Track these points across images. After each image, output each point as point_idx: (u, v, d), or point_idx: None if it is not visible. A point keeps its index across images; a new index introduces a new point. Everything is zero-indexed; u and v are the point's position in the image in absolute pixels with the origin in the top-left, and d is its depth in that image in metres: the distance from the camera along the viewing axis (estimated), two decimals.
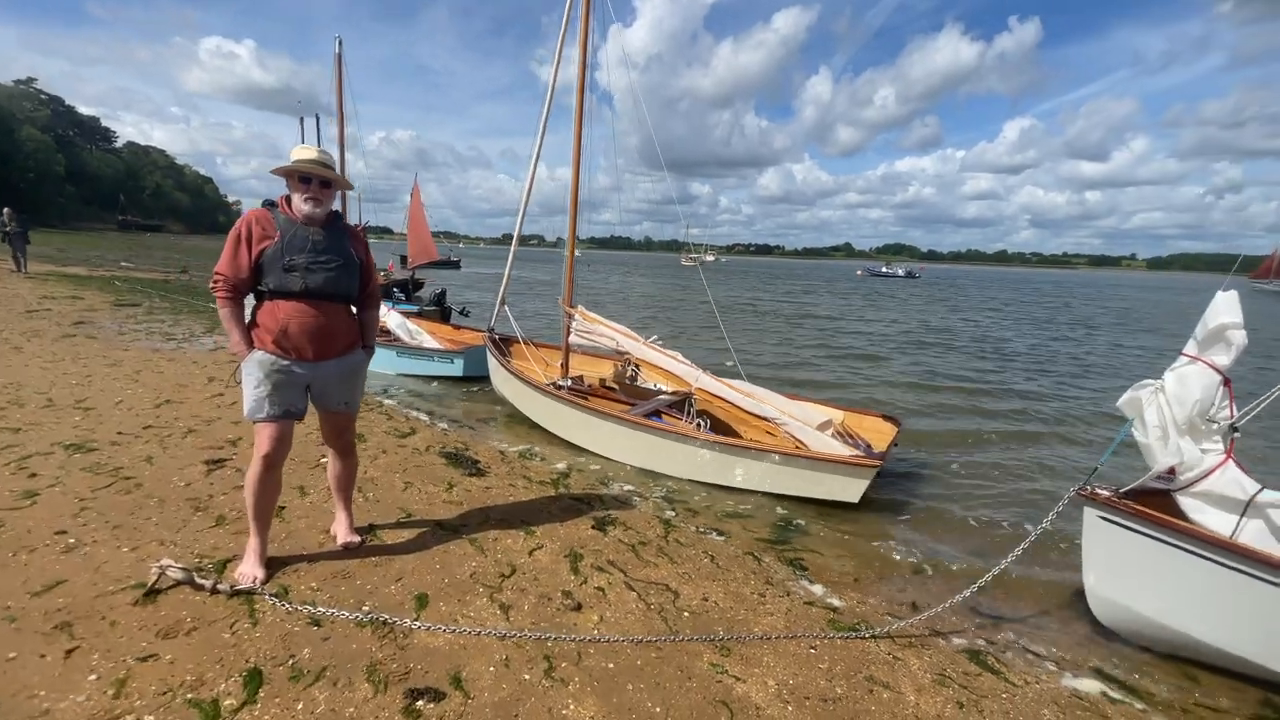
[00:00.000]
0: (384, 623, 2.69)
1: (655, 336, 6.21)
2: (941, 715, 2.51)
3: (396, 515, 3.83)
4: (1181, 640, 2.94)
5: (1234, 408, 2.82)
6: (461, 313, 13.69)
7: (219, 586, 2.79)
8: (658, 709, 2.37)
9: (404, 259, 17.39)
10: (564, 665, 2.57)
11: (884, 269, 62.28)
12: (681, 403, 6.17)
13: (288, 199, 2.98)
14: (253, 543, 3.01)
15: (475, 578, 3.19)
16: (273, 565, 3.05)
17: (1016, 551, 2.98)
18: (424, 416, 6.67)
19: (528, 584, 3.19)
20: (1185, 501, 2.94)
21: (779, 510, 4.71)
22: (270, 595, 2.80)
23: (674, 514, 4.49)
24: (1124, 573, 2.92)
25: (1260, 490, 2.80)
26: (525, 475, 4.92)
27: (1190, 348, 2.89)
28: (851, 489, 4.52)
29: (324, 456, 4.28)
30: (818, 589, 3.59)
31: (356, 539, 3.38)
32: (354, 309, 3.12)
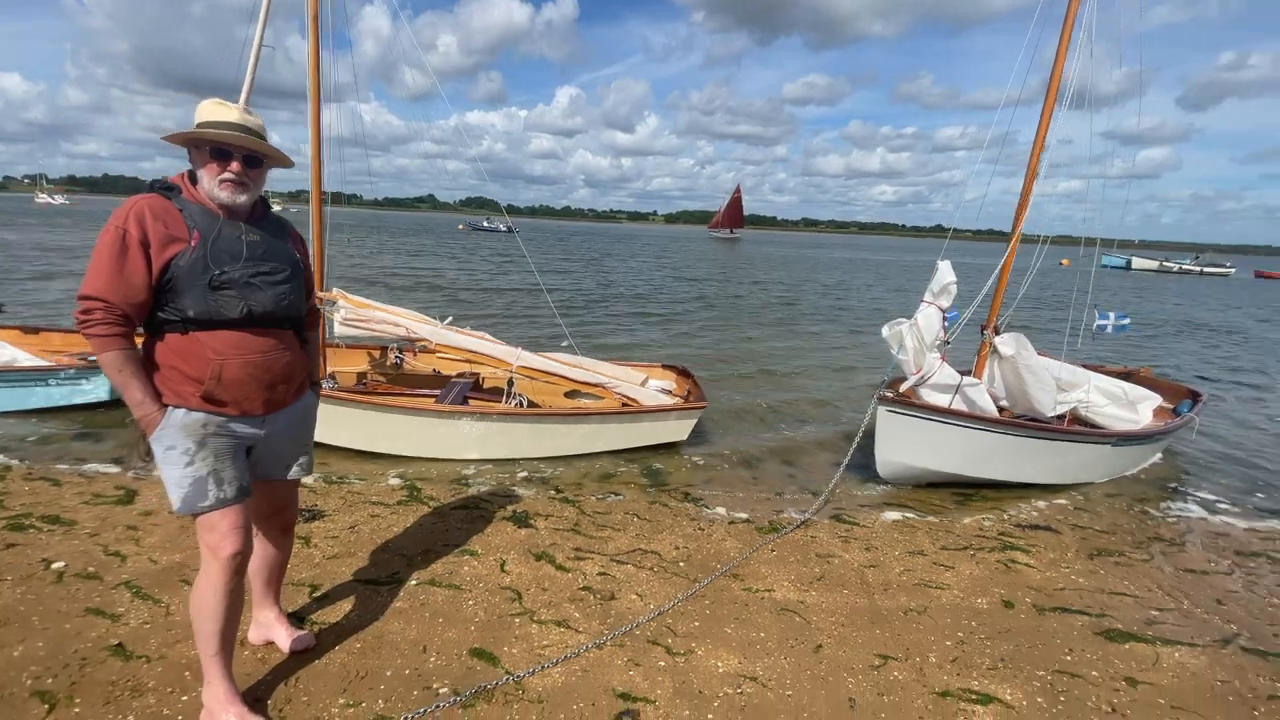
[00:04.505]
0: (484, 691, 2.36)
1: (449, 318, 5.72)
2: (860, 558, 3.72)
3: (299, 592, 2.99)
4: (932, 474, 4.81)
5: (945, 331, 4.75)
6: None
7: None
8: (759, 634, 2.87)
9: None
10: (670, 641, 2.77)
11: (485, 224, 64.21)
12: (478, 383, 5.98)
13: (190, 176, 2.03)
14: (224, 688, 2.10)
15: (498, 613, 2.92)
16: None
17: (852, 448, 4.37)
18: (113, 468, 4.62)
19: (547, 597, 3.09)
20: (924, 392, 4.81)
21: (624, 464, 5.26)
22: None
23: (558, 492, 4.60)
24: (899, 441, 4.62)
25: (962, 378, 4.83)
26: (370, 502, 4.20)
27: (928, 296, 4.71)
28: (683, 429, 5.43)
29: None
30: (721, 511, 4.40)
31: (307, 634, 2.61)
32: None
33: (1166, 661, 2.87)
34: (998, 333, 5.39)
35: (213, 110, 2.01)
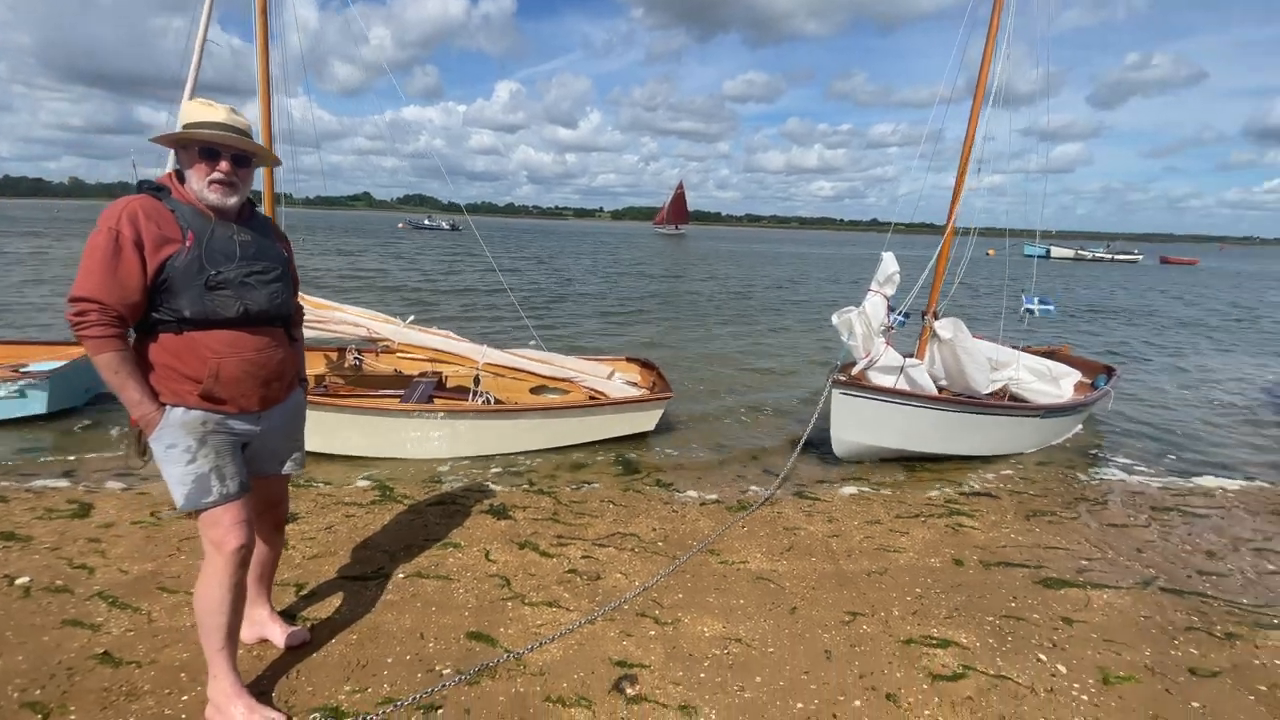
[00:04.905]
0: (488, 668, 2.46)
1: (411, 317, 5.68)
2: (824, 529, 3.98)
3: (284, 592, 3.00)
4: (883, 450, 5.12)
5: (889, 317, 5.08)
6: None
7: None
8: (739, 601, 3.07)
9: None
10: (658, 613, 2.93)
11: (427, 221, 62.46)
12: (441, 382, 5.97)
13: (178, 175, 2.05)
14: (230, 681, 2.12)
15: (489, 599, 3.01)
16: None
17: (808, 429, 4.63)
18: (63, 482, 4.42)
19: (535, 581, 3.20)
20: (872, 374, 5.12)
21: (595, 455, 5.37)
22: None
23: (533, 485, 4.68)
24: (852, 421, 4.91)
25: (905, 360, 5.16)
26: (343, 503, 4.18)
27: (874, 285, 5.01)
28: (650, 419, 5.58)
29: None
30: (692, 494, 4.59)
31: (301, 630, 2.64)
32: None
33: (1096, 603, 3.22)
34: (937, 318, 5.78)
35: (199, 111, 2.03)
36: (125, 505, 4.00)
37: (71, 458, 4.88)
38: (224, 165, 2.01)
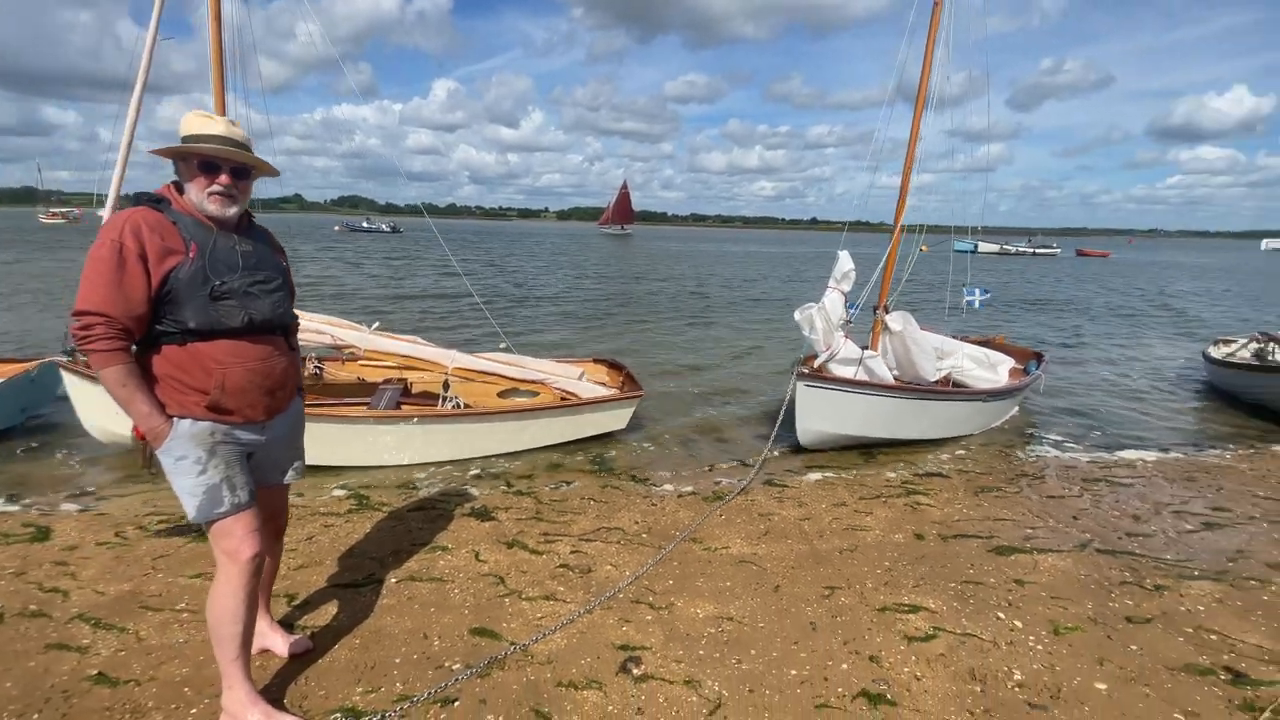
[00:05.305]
0: (497, 660, 2.54)
1: (376, 324, 5.61)
2: (796, 514, 4.21)
3: (275, 603, 3.00)
4: (844, 438, 5.41)
5: (846, 311, 5.38)
6: None
7: None
8: (726, 584, 3.24)
9: None
10: (651, 599, 3.07)
11: (365, 224, 60.36)
12: (406, 388, 5.94)
13: (176, 187, 2.07)
14: (245, 690, 2.14)
15: (486, 597, 3.08)
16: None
17: (779, 421, 4.86)
18: (13, 507, 4.19)
19: (528, 578, 3.28)
20: (833, 366, 5.40)
21: (570, 454, 5.46)
22: None
23: (510, 486, 4.73)
24: (816, 412, 5.18)
25: (863, 351, 5.47)
26: (320, 514, 4.15)
27: (831, 282, 5.29)
28: (622, 418, 5.71)
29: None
30: (669, 487, 4.76)
31: (303, 638, 2.65)
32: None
33: (1043, 565, 3.55)
34: (888, 311, 6.14)
35: (198, 123, 2.04)
36: (86, 527, 3.86)
37: (17, 481, 4.63)
38: (224, 178, 2.03)
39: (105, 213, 4.54)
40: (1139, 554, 3.76)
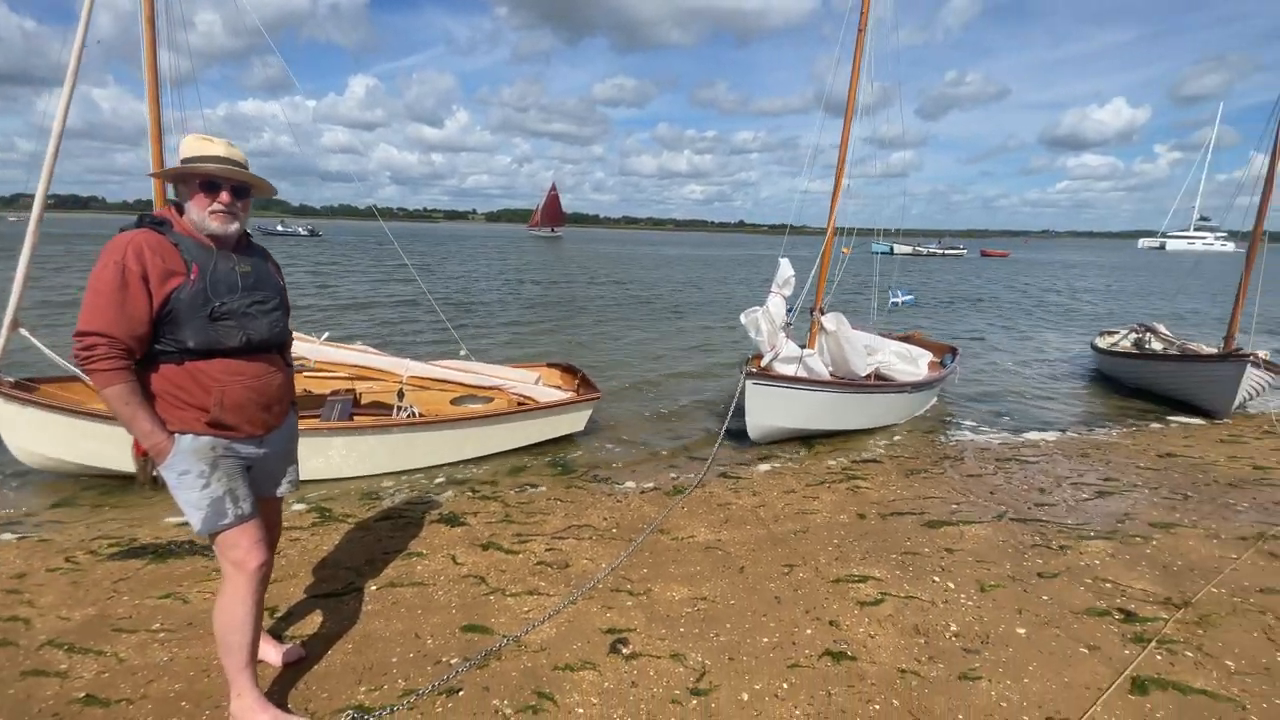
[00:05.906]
0: (493, 652, 2.69)
1: (326, 335, 5.52)
2: (751, 502, 4.55)
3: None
4: (790, 430, 5.81)
5: (785, 314, 5.78)
6: None
7: None
8: (696, 568, 3.50)
9: None
10: (630, 586, 3.29)
11: (280, 227, 56.92)
12: (356, 399, 5.90)
13: (176, 208, 2.14)
14: (254, 697, 2.21)
15: (470, 596, 3.21)
16: None
17: (729, 415, 5.19)
18: None
19: (509, 576, 3.42)
20: (776, 365, 5.79)
21: (531, 458, 5.57)
22: None
23: (475, 492, 4.82)
24: (764, 407, 5.55)
25: (802, 350, 5.88)
26: (283, 527, 4.06)
27: (774, 287, 5.68)
28: (580, 420, 5.88)
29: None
30: (631, 484, 4.98)
31: (295, 647, 2.71)
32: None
33: (968, 535, 4.02)
34: (824, 313, 6.62)
35: (198, 145, 2.11)
36: (31, 553, 3.69)
37: None
38: (224, 197, 2.10)
39: (31, 221, 4.26)
40: (1045, 520, 4.31)
